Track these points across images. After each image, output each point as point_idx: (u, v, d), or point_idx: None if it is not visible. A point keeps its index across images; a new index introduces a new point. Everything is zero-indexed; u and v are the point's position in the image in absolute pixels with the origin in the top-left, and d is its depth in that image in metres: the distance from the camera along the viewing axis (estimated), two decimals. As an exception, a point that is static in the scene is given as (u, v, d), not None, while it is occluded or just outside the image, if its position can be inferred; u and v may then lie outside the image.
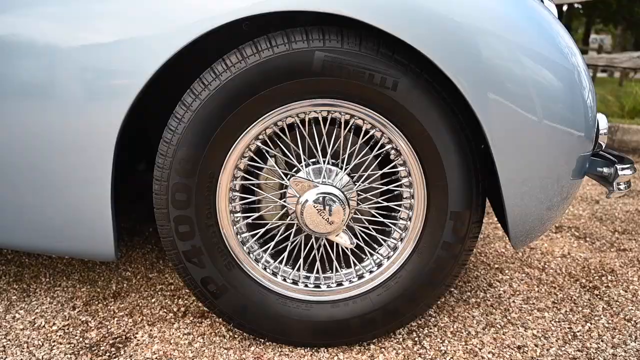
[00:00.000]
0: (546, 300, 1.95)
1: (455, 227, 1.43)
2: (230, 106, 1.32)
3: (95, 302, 1.86)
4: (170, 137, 1.36)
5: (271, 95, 1.29)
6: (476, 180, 1.41)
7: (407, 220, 1.50)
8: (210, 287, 1.48)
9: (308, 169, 1.46)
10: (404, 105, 1.33)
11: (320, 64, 1.29)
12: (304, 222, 1.41)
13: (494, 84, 1.27)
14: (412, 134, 1.37)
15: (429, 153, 1.38)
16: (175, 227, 1.41)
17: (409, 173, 1.45)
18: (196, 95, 1.33)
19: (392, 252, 1.53)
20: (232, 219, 1.48)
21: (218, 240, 1.45)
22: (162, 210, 1.41)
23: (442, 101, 1.33)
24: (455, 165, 1.38)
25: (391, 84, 1.31)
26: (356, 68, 1.28)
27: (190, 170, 1.37)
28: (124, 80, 1.32)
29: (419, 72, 1.32)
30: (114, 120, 1.34)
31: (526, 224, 1.45)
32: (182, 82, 1.46)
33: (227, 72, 1.31)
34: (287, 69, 1.27)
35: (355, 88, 1.29)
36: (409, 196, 1.49)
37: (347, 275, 1.56)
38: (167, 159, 1.37)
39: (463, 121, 1.36)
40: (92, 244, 1.52)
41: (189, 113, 1.34)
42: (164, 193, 1.39)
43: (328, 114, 1.36)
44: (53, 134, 1.36)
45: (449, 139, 1.36)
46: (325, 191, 1.40)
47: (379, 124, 1.39)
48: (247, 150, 1.41)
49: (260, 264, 1.53)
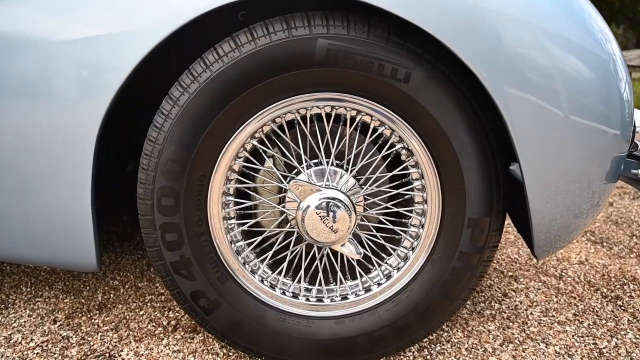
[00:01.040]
0: (566, 312, 1.81)
1: (473, 235, 1.29)
2: (222, 100, 1.18)
3: (79, 315, 1.71)
4: (156, 136, 1.22)
5: (268, 88, 1.16)
6: (497, 183, 1.26)
7: (419, 228, 1.36)
8: (201, 301, 1.33)
9: (309, 171, 1.32)
10: (417, 100, 1.18)
11: (324, 52, 1.14)
12: (305, 230, 1.27)
13: (518, 74, 1.13)
14: (425, 132, 1.23)
15: (445, 153, 1.24)
16: (161, 235, 1.27)
17: (421, 175, 1.31)
18: (184, 89, 1.19)
19: (402, 263, 1.39)
20: (226, 226, 1.34)
21: (210, 250, 1.31)
22: (147, 216, 1.27)
23: (460, 95, 1.19)
24: (474, 167, 1.24)
25: (403, 76, 1.17)
26: (364, 57, 1.14)
27: (178, 172, 1.23)
28: (102, 74, 1.18)
29: (434, 62, 1.17)
30: (93, 118, 1.20)
31: (552, 232, 1.30)
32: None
33: (218, 63, 1.17)
34: (286, 59, 1.14)
35: (362, 80, 1.15)
36: (421, 201, 1.34)
37: (352, 288, 1.42)
38: (152, 159, 1.22)
39: (483, 117, 1.22)
40: (72, 253, 1.37)
41: (176, 108, 1.20)
42: (149, 198, 1.25)
43: (332, 109, 1.22)
44: (23, 133, 1.22)
45: (467, 137, 1.22)
46: (329, 196, 1.25)
47: (389, 121, 1.24)
48: (242, 150, 1.27)
49: (256, 275, 1.38)
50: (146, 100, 1.48)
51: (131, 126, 1.69)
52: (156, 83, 1.41)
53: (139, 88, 1.38)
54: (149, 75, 1.36)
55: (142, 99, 1.48)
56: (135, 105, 1.50)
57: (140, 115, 1.56)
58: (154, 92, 1.43)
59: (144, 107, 1.52)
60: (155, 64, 1.30)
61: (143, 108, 1.53)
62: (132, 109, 1.53)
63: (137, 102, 1.49)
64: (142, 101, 1.50)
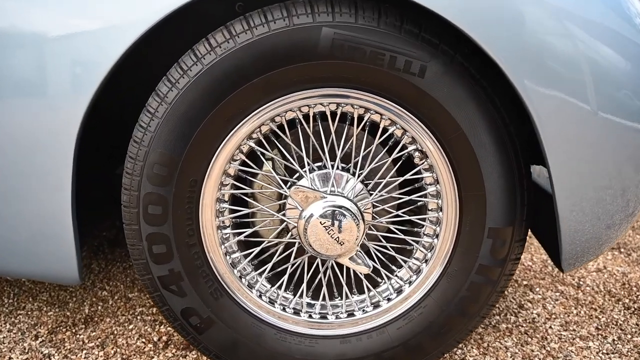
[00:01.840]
0: (588, 325, 1.68)
1: (494, 246, 1.17)
2: (215, 97, 1.07)
3: (63, 329, 1.59)
4: (141, 137, 1.10)
5: (267, 83, 1.06)
6: (521, 189, 1.14)
7: (433, 238, 1.24)
8: (192, 320, 1.21)
9: (312, 176, 1.20)
10: (432, 96, 1.07)
11: (329, 43, 1.02)
12: (307, 241, 1.14)
13: (548, 66, 1.00)
14: (442, 132, 1.11)
15: (463, 155, 1.12)
16: (148, 247, 1.15)
17: (436, 180, 1.18)
18: (173, 84, 1.07)
19: (414, 276, 1.26)
20: (220, 236, 1.22)
21: (202, 262, 1.19)
22: (132, 226, 1.14)
23: (481, 90, 1.08)
24: (495, 171, 1.12)
25: (418, 69, 1.05)
26: (374, 49, 1.03)
27: (166, 177, 1.10)
28: (80, 70, 1.08)
29: (452, 53, 1.05)
30: (72, 117, 1.10)
31: (580, 244, 1.18)
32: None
33: (211, 55, 1.05)
34: (286, 50, 1.03)
35: (372, 74, 1.05)
36: (435, 208, 1.22)
37: (359, 304, 1.29)
38: (137, 163, 1.10)
39: (506, 115, 1.09)
40: (51, 264, 1.26)
41: (163, 106, 1.08)
42: (134, 205, 1.12)
43: (337, 107, 1.11)
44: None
45: (488, 137, 1.10)
46: (334, 203, 1.13)
47: (401, 120, 1.13)
48: (238, 153, 1.15)
49: (254, 290, 1.26)
50: (140, 99, 1.36)
51: (122, 126, 1.57)
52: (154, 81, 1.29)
53: (132, 85, 1.26)
54: (143, 72, 1.25)
55: (135, 97, 1.36)
56: (128, 103, 1.39)
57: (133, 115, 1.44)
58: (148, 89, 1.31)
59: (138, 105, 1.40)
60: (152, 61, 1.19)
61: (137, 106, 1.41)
62: (124, 107, 1.41)
63: (130, 100, 1.37)
64: (135, 99, 1.38)
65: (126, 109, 1.42)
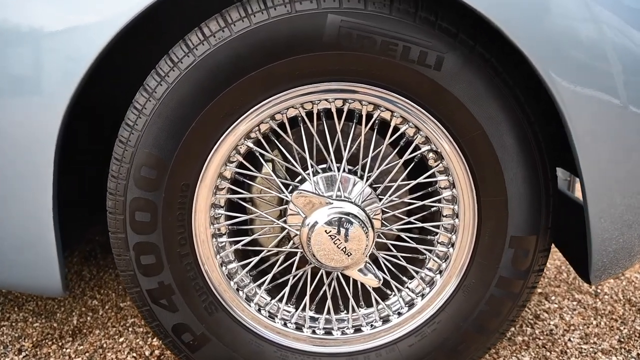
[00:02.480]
0: (610, 338, 1.58)
1: (516, 257, 1.07)
2: (209, 92, 0.98)
3: (49, 343, 1.49)
4: (128, 136, 1.00)
5: (266, 76, 0.97)
6: (547, 194, 1.04)
7: (448, 247, 1.13)
8: (185, 337, 1.11)
9: (316, 179, 1.10)
10: (450, 91, 0.98)
11: (335, 32, 0.92)
12: (311, 251, 1.04)
13: (581, 56, 0.90)
14: (459, 131, 1.02)
15: (483, 157, 1.03)
16: (136, 257, 1.05)
17: (452, 184, 1.09)
18: (162, 78, 0.97)
19: (427, 289, 1.16)
20: (216, 245, 1.12)
21: (195, 274, 1.09)
22: (118, 234, 1.05)
23: (503, 85, 0.99)
24: (519, 174, 1.03)
25: (434, 61, 0.95)
26: (385, 38, 0.95)
27: (155, 181, 1.01)
28: (58, 65, 1.00)
29: (471, 44, 0.96)
30: (52, 115, 1.01)
31: (610, 255, 1.08)
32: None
33: (204, 45, 0.95)
34: (288, 40, 0.95)
35: (382, 67, 0.97)
36: (450, 214, 1.12)
37: (367, 318, 1.20)
38: (123, 165, 1.01)
39: (531, 113, 0.99)
40: (32, 275, 1.16)
41: (152, 102, 0.98)
42: (120, 212, 1.03)
43: (344, 103, 1.04)
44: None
45: (511, 137, 1.01)
46: (341, 210, 1.02)
47: (414, 118, 1.03)
48: (235, 154, 1.07)
49: (252, 304, 1.16)
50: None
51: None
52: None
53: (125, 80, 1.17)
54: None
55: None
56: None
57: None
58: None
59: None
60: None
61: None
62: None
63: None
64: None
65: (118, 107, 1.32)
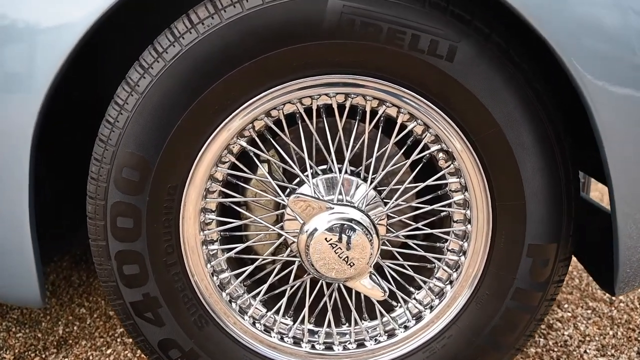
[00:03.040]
0: (628, 350, 1.49)
1: (534, 267, 0.99)
2: (197, 85, 0.90)
3: (31, 355, 1.40)
4: (108, 134, 0.92)
5: (260, 68, 0.89)
6: (568, 198, 0.95)
7: (459, 255, 1.05)
8: (172, 353, 1.03)
9: (316, 181, 1.02)
10: (463, 84, 0.90)
11: (336, 18, 0.84)
12: (310, 261, 0.95)
13: (611, 47, 0.81)
14: (473, 129, 0.94)
15: (499, 157, 0.95)
16: (118, 267, 0.97)
17: (464, 187, 1.01)
18: (145, 70, 0.89)
19: (436, 300, 1.07)
20: (206, 253, 1.03)
21: (184, 285, 1.00)
22: (98, 242, 0.96)
23: (522, 78, 0.90)
24: (538, 176, 0.95)
25: (445, 51, 0.88)
26: (392, 25, 0.87)
27: (138, 184, 0.93)
28: (30, 59, 0.92)
29: (487, 32, 0.88)
30: (25, 114, 0.93)
31: (635, 264, 0.99)
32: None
33: (191, 33, 0.87)
34: (284, 27, 0.86)
35: (389, 57, 0.89)
36: (462, 220, 1.04)
37: (371, 331, 1.12)
38: (103, 166, 0.92)
39: (552, 109, 0.90)
40: (9, 285, 1.08)
41: (134, 96, 0.90)
42: (101, 217, 0.94)
43: (346, 98, 0.97)
44: None
45: (530, 135, 0.93)
46: (342, 215, 0.93)
47: (423, 114, 0.95)
48: (227, 154, 1.00)
49: (247, 316, 1.07)
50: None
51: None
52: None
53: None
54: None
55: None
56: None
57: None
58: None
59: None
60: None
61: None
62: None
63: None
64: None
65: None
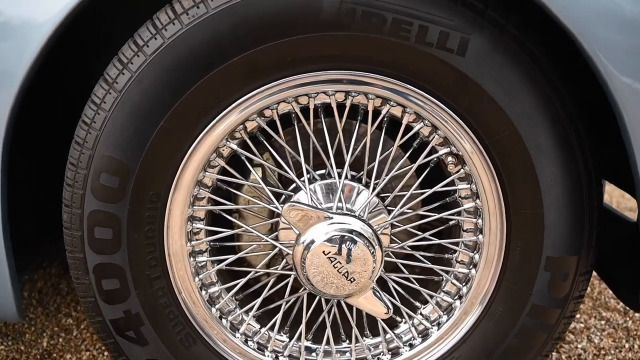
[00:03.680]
0: (646, 365, 1.40)
1: (553, 281, 0.93)
2: (181, 83, 0.84)
3: (12, 370, 1.32)
4: (84, 136, 0.87)
5: (252, 63, 0.84)
6: (590, 207, 0.90)
7: (469, 267, 0.99)
8: (157, 374, 0.95)
9: (314, 187, 0.97)
10: (476, 81, 0.84)
11: (336, 7, 0.80)
12: (306, 276, 0.88)
13: None
14: (486, 130, 0.88)
15: (515, 161, 0.89)
16: (96, 281, 0.91)
17: (475, 194, 0.95)
18: (124, 65, 0.82)
19: (444, 316, 1.01)
20: (194, 265, 0.98)
21: (169, 301, 0.95)
22: (75, 254, 0.91)
23: (541, 75, 0.84)
24: (558, 183, 0.88)
25: (456, 44, 0.82)
26: (397, 15, 0.80)
27: (117, 191, 0.88)
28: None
29: (502, 23, 0.82)
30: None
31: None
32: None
33: (174, 25, 0.83)
34: (277, 17, 0.81)
35: (393, 51, 0.83)
36: (472, 229, 0.99)
37: (373, 349, 1.07)
38: (79, 171, 0.87)
39: (574, 108, 0.85)
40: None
41: (112, 94, 0.85)
42: (77, 227, 0.88)
43: (346, 97, 0.92)
44: None
45: (549, 137, 0.87)
46: (342, 226, 0.86)
47: (431, 114, 0.90)
48: (216, 157, 0.94)
49: (238, 334, 1.01)
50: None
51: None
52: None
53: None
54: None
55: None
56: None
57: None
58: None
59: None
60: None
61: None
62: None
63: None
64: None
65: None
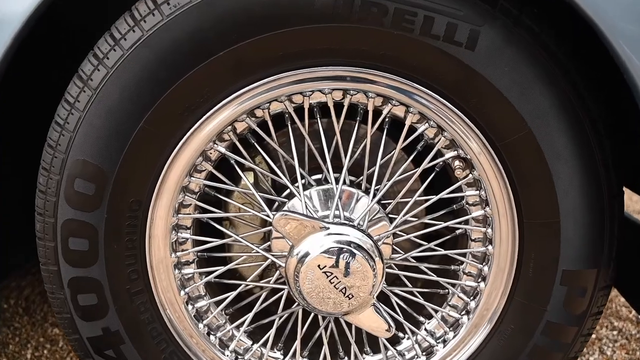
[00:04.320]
0: (663, 379, 1.34)
1: (569, 296, 0.87)
2: (162, 79, 0.78)
3: (-7, 384, 1.26)
4: (57, 138, 0.81)
5: (240, 58, 0.78)
6: (611, 217, 0.85)
7: (477, 280, 0.95)
8: (139, 396, 0.88)
9: (309, 193, 0.91)
10: (486, 77, 0.78)
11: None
12: (299, 291, 0.82)
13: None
14: (497, 132, 0.83)
15: (529, 166, 0.84)
16: (72, 296, 0.86)
17: (484, 201, 0.90)
18: (100, 61, 0.77)
19: (450, 333, 0.96)
20: (180, 277, 0.93)
21: (152, 316, 0.90)
22: (49, 266, 0.86)
23: (558, 71, 0.79)
24: (576, 190, 0.82)
25: (465, 37, 0.77)
26: (400, 5, 0.75)
27: (93, 198, 0.82)
28: None
29: (516, 13, 0.77)
30: None
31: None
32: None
33: (154, 16, 0.78)
34: (266, 8, 0.75)
35: (396, 45, 0.78)
36: (482, 239, 0.93)
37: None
38: (52, 177, 0.82)
39: (594, 107, 0.79)
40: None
41: (87, 93, 0.81)
42: (50, 238, 0.84)
43: (344, 95, 0.87)
44: None
45: (567, 140, 0.81)
46: (340, 238, 0.80)
47: (436, 114, 0.84)
48: (202, 161, 0.88)
49: (228, 351, 0.96)
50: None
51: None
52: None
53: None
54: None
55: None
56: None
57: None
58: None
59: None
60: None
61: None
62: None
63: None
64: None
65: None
